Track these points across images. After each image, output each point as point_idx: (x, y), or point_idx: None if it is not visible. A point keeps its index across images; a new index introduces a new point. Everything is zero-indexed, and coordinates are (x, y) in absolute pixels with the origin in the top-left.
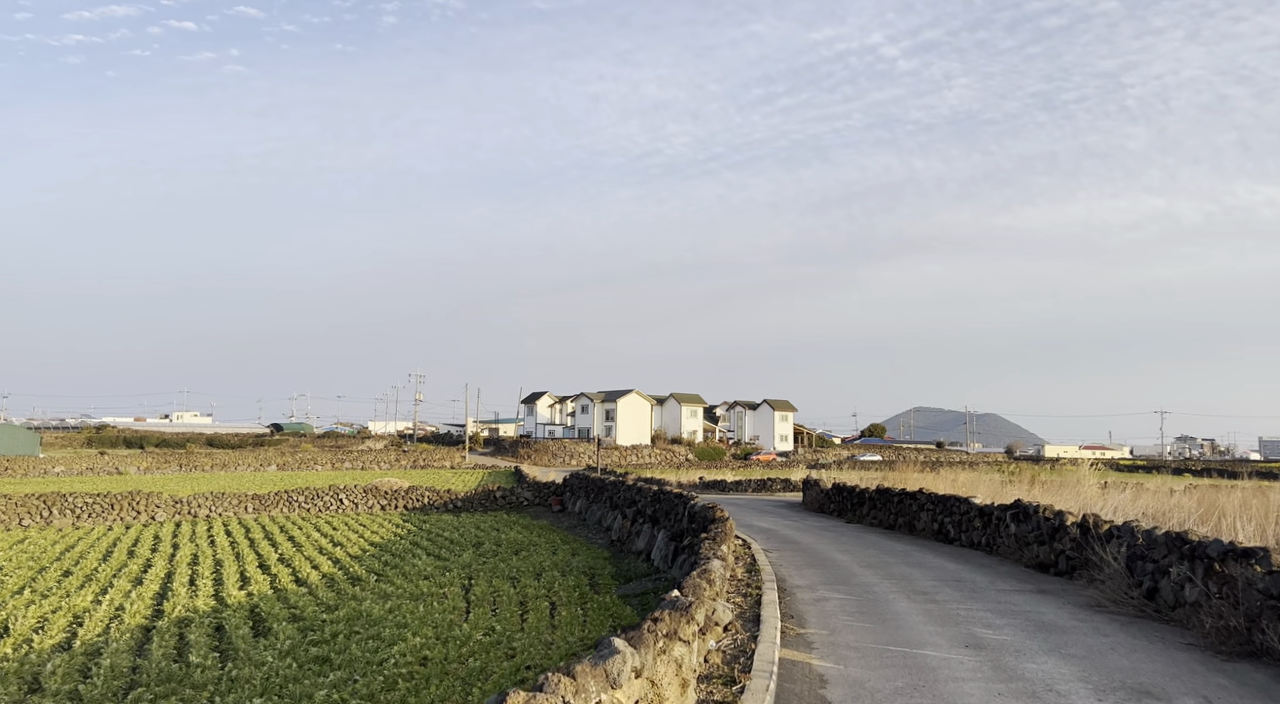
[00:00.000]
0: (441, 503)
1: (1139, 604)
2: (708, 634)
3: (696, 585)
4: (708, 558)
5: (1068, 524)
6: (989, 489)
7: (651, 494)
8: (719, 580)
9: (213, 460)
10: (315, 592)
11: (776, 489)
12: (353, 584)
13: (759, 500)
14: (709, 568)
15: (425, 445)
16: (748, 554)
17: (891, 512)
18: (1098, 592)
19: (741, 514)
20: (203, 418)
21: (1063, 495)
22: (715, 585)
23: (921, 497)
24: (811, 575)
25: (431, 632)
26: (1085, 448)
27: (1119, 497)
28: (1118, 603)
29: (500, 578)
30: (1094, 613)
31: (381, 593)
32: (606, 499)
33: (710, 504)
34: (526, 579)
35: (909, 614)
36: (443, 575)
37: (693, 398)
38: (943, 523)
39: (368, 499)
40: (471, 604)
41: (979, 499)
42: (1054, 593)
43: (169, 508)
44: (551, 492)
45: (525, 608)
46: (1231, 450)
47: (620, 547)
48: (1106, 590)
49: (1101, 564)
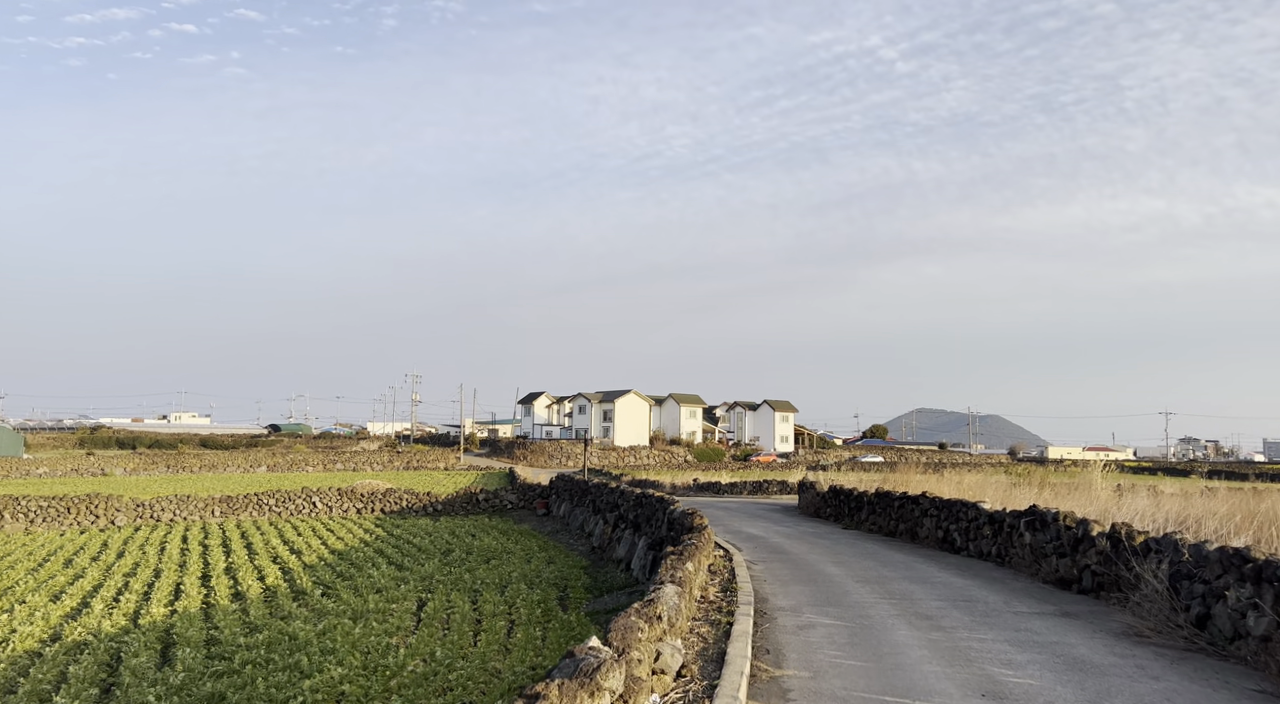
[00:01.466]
0: (420, 506)
1: (1188, 634)
2: (638, 697)
3: (628, 630)
4: (661, 583)
5: (1094, 535)
6: (996, 492)
7: (634, 498)
8: (669, 614)
9: (202, 462)
10: (249, 609)
11: (773, 491)
12: (295, 599)
13: (753, 504)
14: (657, 598)
15: (421, 446)
16: (727, 567)
17: (892, 517)
18: (1134, 617)
19: (731, 519)
20: (201, 419)
21: (1076, 499)
22: (663, 622)
23: (925, 501)
24: (798, 594)
25: (360, 660)
26: (1089, 449)
27: (1140, 502)
28: (1160, 632)
29: (461, 591)
30: (1134, 644)
31: (322, 610)
32: (590, 503)
33: (690, 510)
34: (489, 593)
35: (911, 647)
36: (397, 588)
37: (692, 398)
38: (948, 530)
39: (343, 502)
40: (422, 622)
41: (988, 504)
42: (1081, 617)
43: (130, 512)
44: (537, 494)
45: (480, 628)
46: (1235, 452)
47: (601, 554)
48: (1146, 615)
49: (1137, 583)
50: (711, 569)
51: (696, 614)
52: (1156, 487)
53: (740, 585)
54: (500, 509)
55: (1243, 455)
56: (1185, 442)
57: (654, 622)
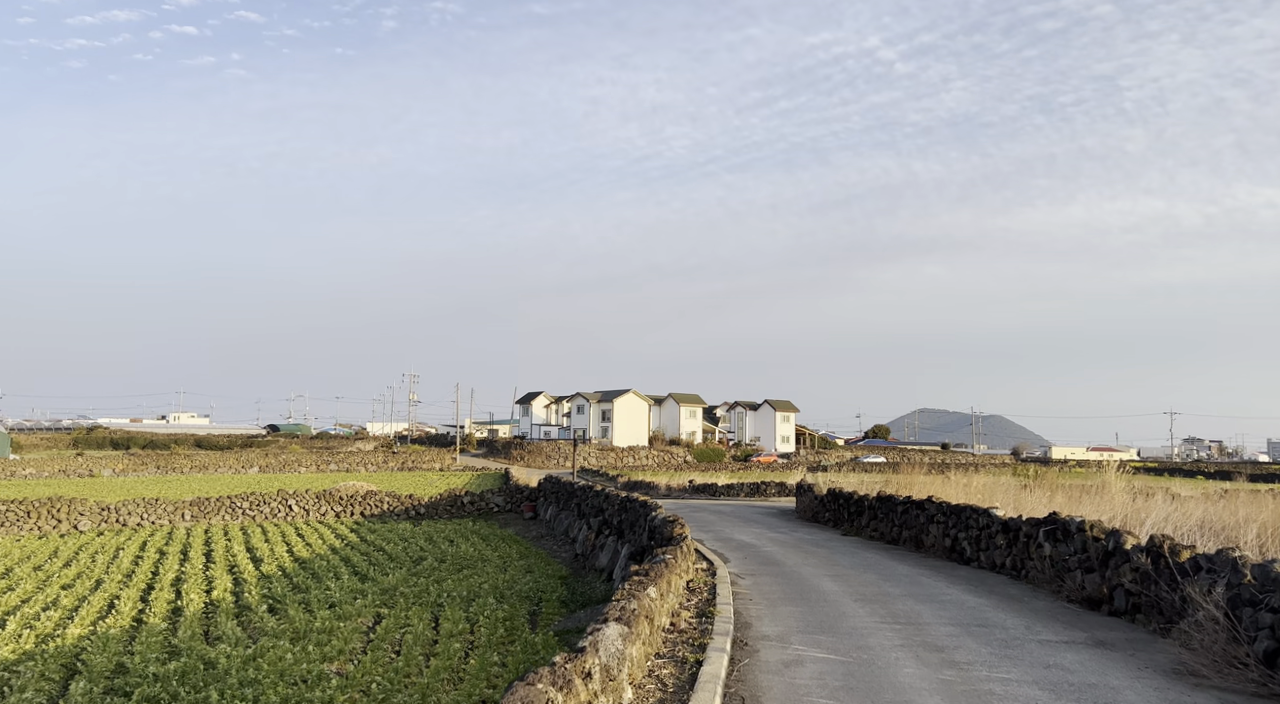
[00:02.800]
0: (402, 509)
1: (1258, 676)
2: None
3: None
4: (603, 622)
5: (1127, 548)
6: (1006, 496)
7: (619, 502)
8: (606, 667)
9: (193, 462)
10: (180, 629)
11: (771, 494)
12: (237, 616)
13: (749, 507)
14: (590, 647)
15: (417, 447)
16: (709, 584)
17: (895, 523)
18: (1183, 649)
19: (724, 524)
20: (200, 419)
21: (1093, 504)
22: (594, 681)
23: (931, 506)
24: (788, 617)
25: (283, 693)
26: (1092, 450)
27: (1161, 506)
28: (1220, 671)
29: (424, 606)
30: (1192, 688)
31: (260, 630)
32: (575, 507)
33: (671, 517)
34: (454, 608)
35: (920, 692)
36: (354, 602)
37: (692, 398)
38: (956, 539)
39: (320, 506)
40: (372, 644)
41: (1001, 510)
42: (1119, 648)
43: (94, 516)
44: (525, 497)
45: (434, 651)
46: (1239, 452)
47: (583, 562)
48: (1199, 649)
49: (1183, 607)
50: (690, 587)
51: (662, 649)
52: (1169, 488)
53: (719, 609)
54: (486, 512)
55: (1246, 455)
56: (1189, 442)
57: (579, 683)
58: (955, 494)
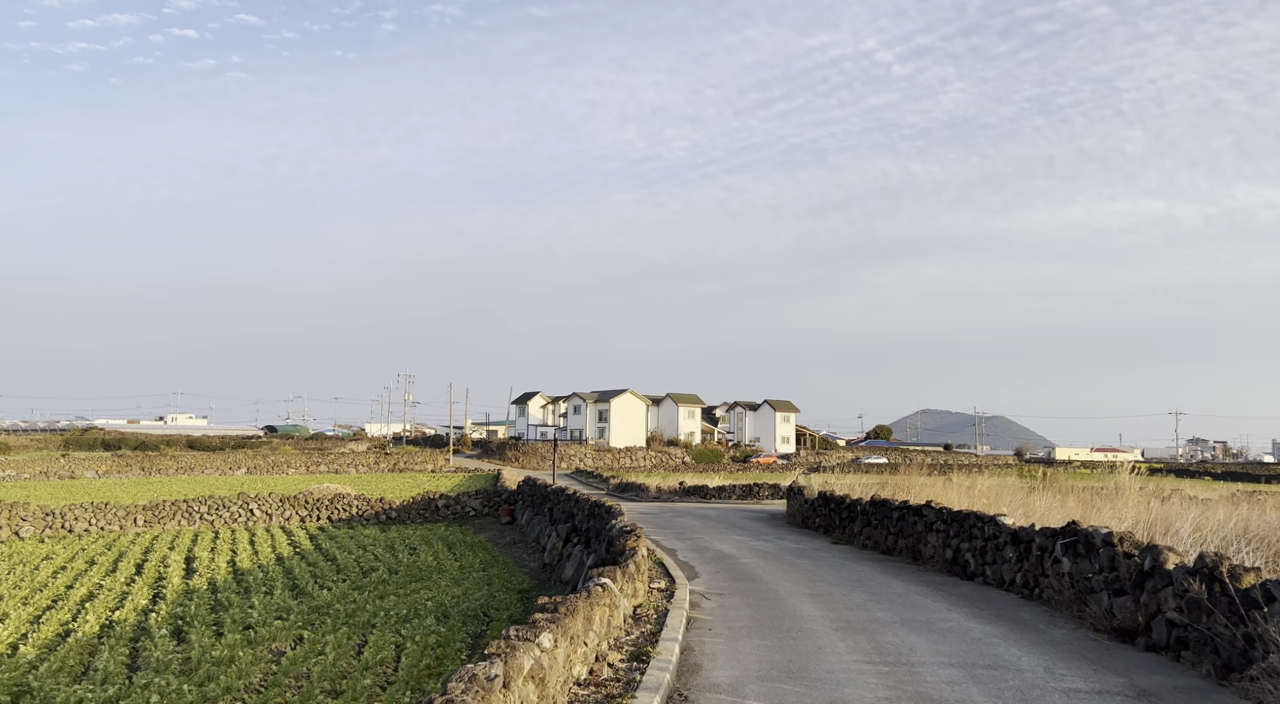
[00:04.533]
0: (372, 514)
1: None
2: None
3: None
4: None
5: (1169, 567)
6: (1013, 500)
7: (588, 508)
8: None
9: (178, 464)
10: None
11: (764, 496)
12: (132, 642)
13: (738, 511)
14: None
15: (411, 448)
16: (661, 609)
17: (890, 530)
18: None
19: (705, 531)
20: (198, 420)
21: (1109, 509)
22: None
23: (930, 512)
24: (749, 655)
25: None
26: (1097, 450)
27: (1186, 511)
28: None
29: (353, 627)
30: None
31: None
32: (548, 512)
33: (629, 527)
34: (386, 630)
35: None
36: (273, 624)
37: (690, 398)
38: (959, 550)
39: (285, 509)
40: (271, 678)
41: (1010, 518)
42: (1166, 700)
43: (38, 521)
44: (504, 500)
45: (341, 687)
46: (1244, 453)
47: (551, 572)
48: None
49: (1249, 646)
50: (637, 615)
51: None
52: (1183, 491)
53: (660, 648)
54: (462, 517)
55: (1251, 456)
56: (1193, 442)
57: None
58: (957, 498)
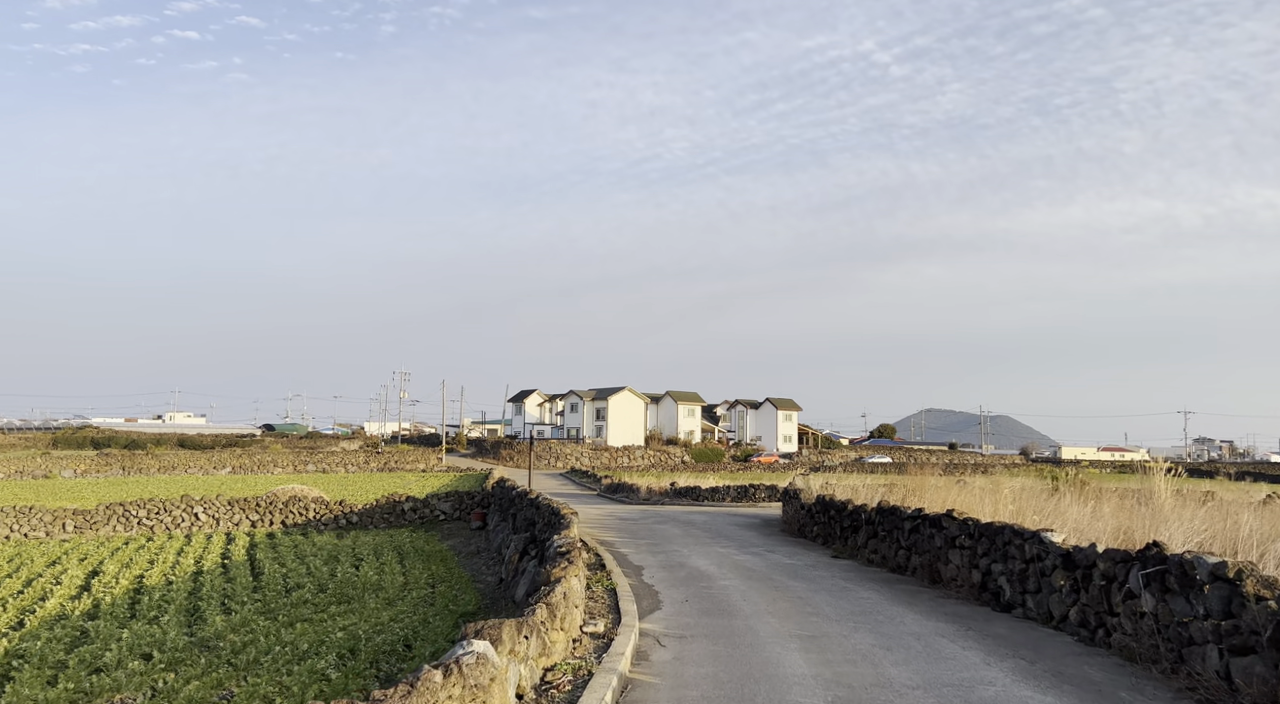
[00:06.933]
0: (331, 518)
1: None
2: None
3: None
4: None
5: None
6: (1036, 505)
7: (548, 514)
8: None
9: (160, 463)
10: None
11: (761, 498)
12: None
13: (729, 515)
14: None
15: (405, 447)
16: (585, 673)
17: (901, 544)
18: None
19: (686, 541)
20: (196, 418)
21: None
22: None
23: (951, 524)
24: None
25: None
26: (1103, 449)
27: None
28: None
29: (232, 669)
30: None
31: None
32: (511, 518)
33: (564, 547)
34: (268, 675)
35: None
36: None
37: (690, 396)
38: (990, 572)
39: (234, 514)
40: None
41: (1059, 536)
42: None
43: None
44: (476, 503)
45: None
46: (1250, 452)
47: (505, 589)
48: None
49: None
50: (544, 684)
51: None
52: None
53: None
54: (429, 521)
55: (1258, 455)
56: (1200, 442)
57: None
58: (975, 504)
